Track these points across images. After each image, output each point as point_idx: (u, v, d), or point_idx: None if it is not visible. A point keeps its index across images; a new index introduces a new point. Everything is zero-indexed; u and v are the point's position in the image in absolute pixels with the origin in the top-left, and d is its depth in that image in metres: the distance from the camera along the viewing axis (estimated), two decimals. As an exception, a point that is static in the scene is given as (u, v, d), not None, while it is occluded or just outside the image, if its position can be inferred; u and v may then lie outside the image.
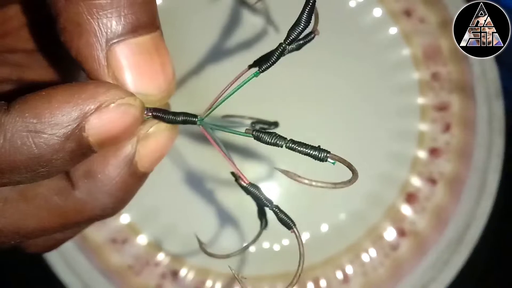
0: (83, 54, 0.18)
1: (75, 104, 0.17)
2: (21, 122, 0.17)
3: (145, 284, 0.42)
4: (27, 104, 0.17)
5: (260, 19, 0.43)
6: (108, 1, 0.17)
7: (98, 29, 0.18)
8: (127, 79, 0.18)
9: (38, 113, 0.17)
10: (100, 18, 0.18)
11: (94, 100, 0.18)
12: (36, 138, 0.17)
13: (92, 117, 0.18)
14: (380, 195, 0.43)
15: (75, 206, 0.21)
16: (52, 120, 0.17)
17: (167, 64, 0.19)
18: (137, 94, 0.19)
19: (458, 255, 0.42)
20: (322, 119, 0.43)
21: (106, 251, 0.42)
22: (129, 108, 0.18)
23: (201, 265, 0.42)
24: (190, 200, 0.43)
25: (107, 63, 0.18)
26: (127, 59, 0.18)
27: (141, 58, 0.19)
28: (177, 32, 0.44)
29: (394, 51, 0.44)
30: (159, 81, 0.19)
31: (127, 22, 0.18)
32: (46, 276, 0.42)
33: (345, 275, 0.42)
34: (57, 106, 0.17)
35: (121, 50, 0.18)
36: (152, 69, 0.19)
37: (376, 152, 0.43)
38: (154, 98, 0.19)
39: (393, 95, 0.44)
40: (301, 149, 0.20)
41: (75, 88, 0.18)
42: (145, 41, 0.19)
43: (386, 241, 0.42)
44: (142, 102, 0.19)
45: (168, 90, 0.19)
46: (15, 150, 0.17)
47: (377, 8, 0.44)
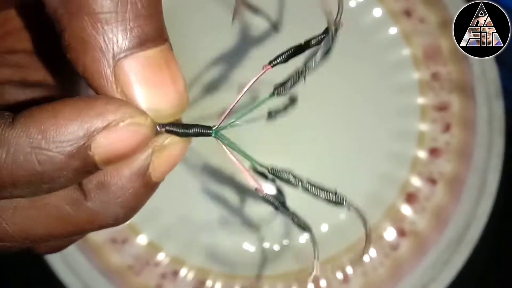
0: (90, 70, 0.18)
1: (82, 121, 0.17)
2: (25, 137, 0.17)
3: (145, 284, 0.42)
4: (32, 119, 0.17)
5: (260, 19, 0.43)
6: (113, 14, 0.17)
7: (104, 44, 0.17)
8: (137, 94, 0.18)
9: (44, 129, 0.17)
10: (105, 33, 0.17)
11: (102, 118, 0.17)
12: (40, 155, 0.17)
13: (100, 135, 0.17)
14: (380, 195, 0.43)
15: (87, 216, 0.20)
16: (58, 137, 0.17)
17: (178, 78, 0.19)
18: (148, 109, 0.18)
19: (458, 255, 0.42)
20: (322, 119, 0.43)
21: (106, 251, 0.42)
22: (139, 127, 0.18)
23: (201, 265, 0.42)
24: (190, 200, 0.43)
25: (115, 79, 0.17)
26: (136, 74, 0.18)
27: (150, 72, 0.18)
28: (177, 32, 0.44)
29: (394, 51, 0.44)
30: (170, 95, 0.18)
31: (134, 36, 0.17)
32: (46, 276, 0.42)
33: (345, 275, 0.42)
34: (63, 122, 0.17)
35: (128, 65, 0.17)
36: (162, 83, 0.18)
37: (376, 152, 0.43)
38: (166, 113, 0.18)
39: (393, 95, 0.44)
40: (316, 193, 0.19)
41: (83, 104, 0.17)
42: (153, 55, 0.18)
43: (386, 241, 0.42)
44: (153, 121, 0.18)
45: (180, 104, 0.19)
46: (17, 165, 0.17)
47: (377, 8, 0.44)
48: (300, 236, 0.43)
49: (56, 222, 0.20)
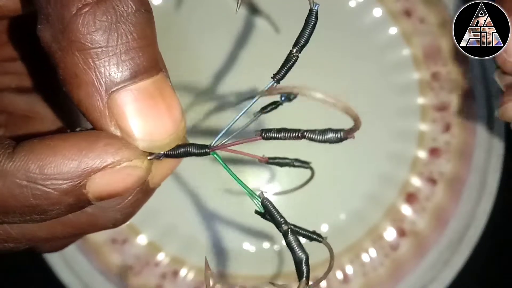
0: (84, 104, 0.18)
1: (81, 162, 0.17)
2: (23, 171, 0.17)
3: (145, 284, 0.42)
4: (32, 154, 0.17)
5: (260, 19, 0.43)
6: (103, 49, 0.17)
7: (96, 78, 0.17)
8: (131, 127, 0.18)
9: (42, 165, 0.17)
10: (96, 67, 0.17)
11: (101, 160, 0.17)
12: (35, 190, 0.17)
13: (96, 175, 0.17)
14: (380, 195, 0.43)
15: (88, 221, 0.21)
16: (55, 175, 0.17)
17: (174, 106, 0.19)
18: (143, 140, 0.18)
19: (458, 255, 0.42)
20: (322, 119, 0.43)
21: (106, 251, 0.42)
22: (135, 170, 0.18)
23: (201, 265, 0.42)
24: (190, 200, 0.43)
25: (109, 112, 0.17)
26: (129, 107, 0.18)
27: (143, 104, 0.18)
28: (177, 32, 0.44)
29: (394, 51, 0.44)
30: (166, 125, 0.18)
31: (126, 69, 0.17)
32: (46, 276, 0.42)
33: (345, 275, 0.42)
34: (61, 161, 0.17)
35: (121, 98, 0.17)
36: (157, 113, 0.18)
37: (376, 152, 0.43)
38: (161, 143, 0.18)
39: (393, 95, 0.44)
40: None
41: (84, 144, 0.17)
42: (146, 86, 0.18)
43: (386, 241, 0.42)
44: (150, 164, 0.19)
45: (176, 133, 0.19)
46: (11, 197, 0.17)
47: (377, 8, 0.44)
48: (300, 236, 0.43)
49: (57, 226, 0.21)
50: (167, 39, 0.44)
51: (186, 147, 0.20)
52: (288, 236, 0.19)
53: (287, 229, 0.19)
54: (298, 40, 0.20)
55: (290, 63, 0.20)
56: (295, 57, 0.20)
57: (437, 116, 0.43)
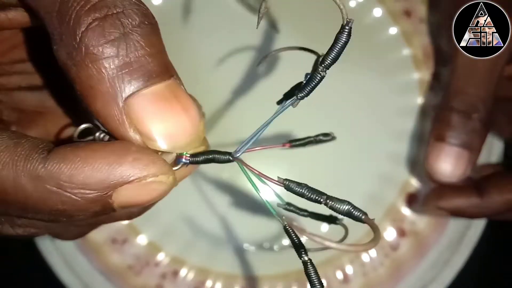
0: (102, 115, 0.18)
1: (109, 174, 0.18)
2: (55, 178, 0.18)
3: (145, 284, 0.42)
4: (64, 162, 0.18)
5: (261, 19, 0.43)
6: (114, 58, 0.18)
7: (110, 87, 0.18)
8: (151, 129, 0.19)
9: (73, 175, 0.18)
10: (109, 76, 0.18)
11: (128, 175, 0.18)
12: (64, 197, 0.18)
13: (123, 188, 0.18)
14: (380, 195, 0.43)
15: (107, 216, 0.22)
16: (84, 185, 0.18)
17: (190, 107, 0.19)
18: (164, 142, 0.19)
19: (458, 255, 0.42)
20: (322, 119, 0.43)
21: (106, 251, 0.42)
22: (160, 185, 0.19)
23: (201, 265, 0.42)
24: (190, 200, 0.43)
25: (127, 118, 0.18)
26: (146, 110, 0.18)
27: (159, 106, 0.19)
28: (177, 32, 0.44)
29: (394, 51, 0.44)
30: (184, 125, 0.19)
31: (138, 75, 0.18)
32: (46, 276, 0.42)
33: (345, 275, 0.42)
34: (91, 173, 0.18)
35: (137, 103, 0.18)
36: (174, 114, 0.19)
37: (376, 152, 0.43)
38: (182, 143, 0.19)
39: (393, 95, 0.44)
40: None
41: (113, 157, 0.18)
42: (160, 89, 0.19)
43: (386, 241, 0.42)
44: (175, 179, 0.19)
45: (196, 133, 0.19)
46: (41, 200, 0.18)
47: (377, 8, 0.44)
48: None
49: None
50: (167, 39, 0.44)
51: (209, 154, 0.20)
52: (308, 267, 0.20)
53: (307, 260, 0.20)
54: (325, 58, 0.20)
55: (315, 81, 0.20)
56: (322, 76, 0.20)
57: (437, 116, 0.43)
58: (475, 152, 0.34)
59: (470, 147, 0.33)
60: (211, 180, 0.43)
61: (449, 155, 0.33)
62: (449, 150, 0.34)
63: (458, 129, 0.33)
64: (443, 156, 0.34)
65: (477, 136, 0.34)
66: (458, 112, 0.34)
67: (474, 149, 0.34)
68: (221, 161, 0.20)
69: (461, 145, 0.33)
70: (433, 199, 0.38)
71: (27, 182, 0.18)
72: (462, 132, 0.33)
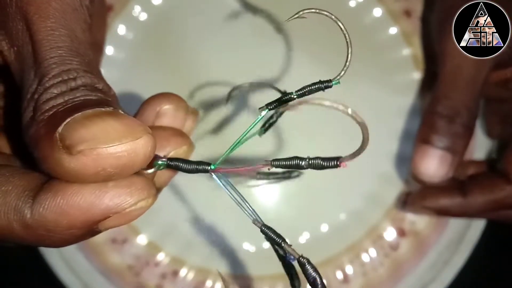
0: (45, 162, 0.19)
1: (91, 215, 0.19)
2: (43, 226, 0.19)
3: (145, 284, 0.42)
4: (48, 210, 0.19)
5: (260, 19, 0.43)
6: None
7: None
8: (77, 138, 0.18)
9: (58, 220, 0.19)
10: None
11: (109, 211, 0.19)
12: (54, 238, 0.19)
13: (108, 219, 0.19)
14: (380, 195, 0.43)
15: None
16: (70, 227, 0.19)
17: (118, 114, 0.19)
18: (87, 144, 0.18)
19: (458, 255, 0.42)
20: (322, 119, 0.43)
21: (106, 251, 0.42)
22: (140, 209, 0.20)
23: (201, 265, 0.42)
24: (190, 200, 0.43)
25: (58, 144, 0.18)
26: (70, 131, 0.18)
27: (84, 122, 0.19)
28: (177, 32, 0.44)
29: (394, 51, 0.44)
30: (113, 127, 0.19)
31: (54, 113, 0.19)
32: (46, 276, 0.42)
33: (345, 275, 0.42)
34: (73, 217, 0.19)
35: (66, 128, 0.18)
36: (100, 121, 0.19)
37: (376, 152, 0.43)
38: (114, 142, 0.19)
39: (393, 95, 0.44)
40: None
41: (92, 199, 0.19)
42: (81, 115, 0.19)
43: (386, 241, 0.42)
44: (154, 199, 0.20)
45: (132, 134, 0.19)
46: (35, 241, 0.20)
47: (377, 8, 0.44)
48: (300, 236, 0.43)
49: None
50: (167, 39, 0.44)
51: (187, 163, 0.21)
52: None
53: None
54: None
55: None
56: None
57: (437, 116, 0.43)
58: (457, 154, 0.35)
59: (453, 150, 0.35)
60: (211, 180, 0.43)
61: (433, 157, 0.35)
62: (433, 153, 0.35)
63: (442, 133, 0.35)
64: (427, 158, 0.35)
65: (459, 140, 0.35)
66: (442, 116, 0.35)
67: (456, 152, 0.35)
68: (197, 171, 0.22)
69: (444, 148, 0.35)
70: (419, 199, 0.39)
71: (20, 230, 0.19)
72: (445, 136, 0.35)
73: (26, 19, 0.21)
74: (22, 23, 0.21)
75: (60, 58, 0.20)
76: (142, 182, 0.20)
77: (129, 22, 0.43)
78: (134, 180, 0.20)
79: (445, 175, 0.35)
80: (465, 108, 0.35)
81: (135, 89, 0.42)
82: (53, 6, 0.21)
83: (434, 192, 0.38)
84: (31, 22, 0.21)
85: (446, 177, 0.35)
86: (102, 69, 0.43)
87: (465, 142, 0.36)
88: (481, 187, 0.37)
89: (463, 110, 0.35)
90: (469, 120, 0.35)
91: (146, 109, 0.25)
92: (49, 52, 0.20)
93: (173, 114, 0.25)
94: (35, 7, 0.21)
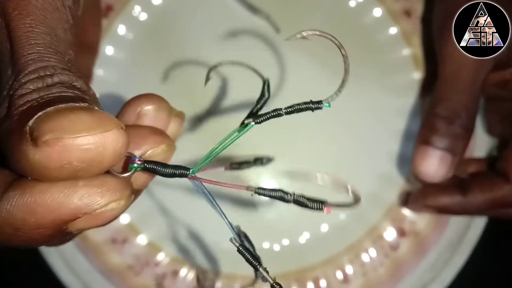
0: (16, 159, 0.19)
1: (60, 214, 0.18)
2: (10, 225, 0.18)
3: (145, 284, 0.42)
4: (15, 208, 0.18)
5: (260, 19, 0.43)
6: None
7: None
8: (44, 129, 0.18)
9: (25, 219, 0.18)
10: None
11: (78, 211, 0.18)
12: (23, 237, 0.19)
13: (75, 220, 0.19)
14: (380, 195, 0.43)
15: None
16: (38, 226, 0.18)
17: (86, 108, 0.19)
18: (54, 135, 0.18)
19: (458, 255, 0.42)
20: (322, 119, 0.43)
21: (106, 251, 0.42)
22: (112, 211, 0.19)
23: (201, 265, 0.42)
24: (190, 200, 0.43)
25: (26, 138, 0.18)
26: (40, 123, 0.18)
27: (52, 115, 0.18)
28: (177, 32, 0.44)
29: (394, 51, 0.44)
30: (80, 118, 0.18)
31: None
32: (46, 276, 0.42)
33: (345, 275, 0.42)
34: (41, 215, 0.18)
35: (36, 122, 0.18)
36: (69, 113, 0.18)
37: (376, 152, 0.43)
38: (80, 132, 0.18)
39: (393, 95, 0.44)
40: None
41: (61, 197, 0.18)
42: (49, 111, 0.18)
43: (386, 241, 0.43)
44: (128, 200, 0.20)
45: (102, 127, 0.18)
46: (4, 241, 0.19)
47: (377, 8, 0.44)
48: (300, 236, 0.43)
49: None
50: (167, 39, 0.44)
51: (164, 166, 0.21)
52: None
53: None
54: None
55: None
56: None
57: (437, 116, 0.43)
58: (457, 155, 0.36)
59: (453, 150, 0.35)
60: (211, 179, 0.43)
61: (433, 157, 0.36)
62: (433, 153, 0.36)
63: (442, 134, 0.36)
64: (427, 158, 0.36)
65: (459, 141, 0.36)
66: (442, 118, 0.36)
67: (456, 152, 0.36)
68: (177, 175, 0.21)
69: (444, 148, 0.35)
70: (420, 197, 0.40)
71: None
72: (445, 137, 0.36)
73: (5, 15, 0.20)
74: (1, 20, 0.21)
75: (38, 55, 0.20)
76: (114, 183, 0.19)
77: (129, 22, 0.43)
78: (106, 180, 0.19)
79: (445, 175, 0.36)
80: (464, 110, 0.35)
81: (135, 89, 0.42)
82: (33, 4, 0.21)
83: (435, 190, 0.39)
84: (9, 19, 0.20)
85: (446, 177, 0.36)
86: (102, 69, 0.44)
87: (465, 143, 0.36)
88: (480, 186, 0.37)
89: (462, 111, 0.35)
90: (468, 121, 0.36)
91: (127, 110, 0.24)
92: (27, 48, 0.20)
93: (155, 115, 0.24)
94: (15, 3, 0.20)
